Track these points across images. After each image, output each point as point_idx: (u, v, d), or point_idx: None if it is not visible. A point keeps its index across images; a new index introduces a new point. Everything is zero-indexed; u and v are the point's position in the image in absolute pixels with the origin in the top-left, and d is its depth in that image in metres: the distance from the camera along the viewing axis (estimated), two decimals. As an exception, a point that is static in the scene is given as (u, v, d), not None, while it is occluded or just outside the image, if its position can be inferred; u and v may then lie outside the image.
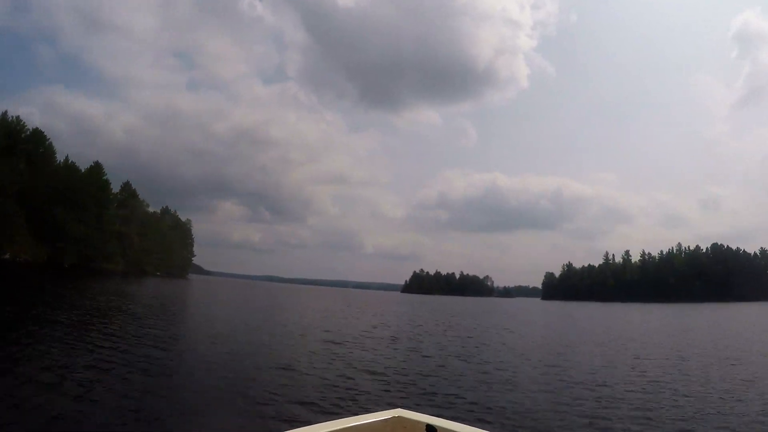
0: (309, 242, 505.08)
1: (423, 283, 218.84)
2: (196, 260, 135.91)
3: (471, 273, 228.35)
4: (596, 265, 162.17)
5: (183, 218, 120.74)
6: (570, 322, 41.03)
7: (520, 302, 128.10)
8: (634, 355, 17.11)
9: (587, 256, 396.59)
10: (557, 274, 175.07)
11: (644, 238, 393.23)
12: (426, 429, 2.45)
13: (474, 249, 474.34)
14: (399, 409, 2.71)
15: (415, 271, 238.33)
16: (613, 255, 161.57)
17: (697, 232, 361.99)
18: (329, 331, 20.39)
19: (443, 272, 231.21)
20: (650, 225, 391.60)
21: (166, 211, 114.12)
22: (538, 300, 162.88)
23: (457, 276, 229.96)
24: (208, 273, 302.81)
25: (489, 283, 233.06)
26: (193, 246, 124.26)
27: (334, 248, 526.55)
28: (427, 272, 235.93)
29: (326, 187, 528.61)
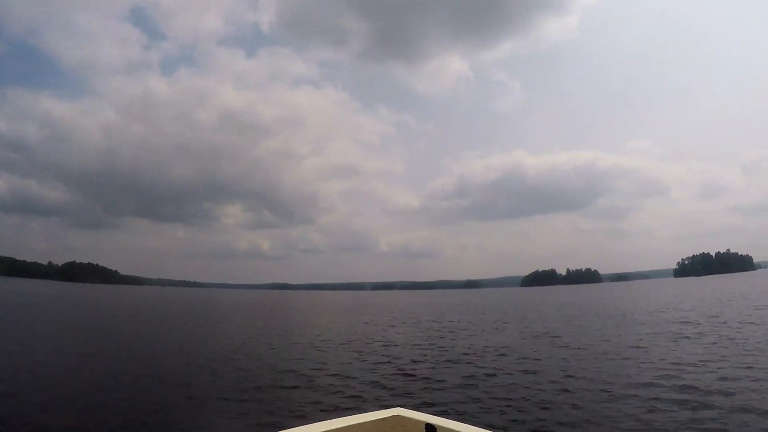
0: (321, 246, 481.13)
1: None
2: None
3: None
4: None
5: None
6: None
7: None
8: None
9: (612, 237, 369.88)
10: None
11: (676, 213, 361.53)
12: (425, 428, 2.43)
13: (497, 239, 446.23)
14: (398, 408, 2.72)
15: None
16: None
17: (735, 202, 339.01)
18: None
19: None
20: (686, 197, 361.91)
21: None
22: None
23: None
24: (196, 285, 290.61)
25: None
26: None
27: (346, 249, 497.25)
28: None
29: (334, 182, 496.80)
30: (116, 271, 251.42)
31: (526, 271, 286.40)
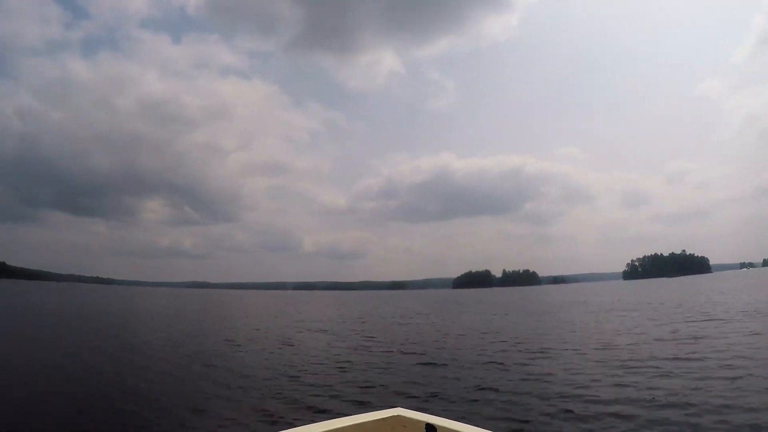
0: (244, 244, 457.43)
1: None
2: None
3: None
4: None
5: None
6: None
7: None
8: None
9: (539, 242, 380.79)
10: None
11: (601, 221, 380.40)
12: (425, 428, 2.40)
13: (425, 241, 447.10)
14: (398, 408, 2.65)
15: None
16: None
17: (658, 211, 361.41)
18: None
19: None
20: (611, 204, 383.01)
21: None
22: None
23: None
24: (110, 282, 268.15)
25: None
26: None
27: (270, 249, 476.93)
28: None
29: (260, 178, 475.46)
30: (3, 262, 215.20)
31: (454, 273, 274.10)
